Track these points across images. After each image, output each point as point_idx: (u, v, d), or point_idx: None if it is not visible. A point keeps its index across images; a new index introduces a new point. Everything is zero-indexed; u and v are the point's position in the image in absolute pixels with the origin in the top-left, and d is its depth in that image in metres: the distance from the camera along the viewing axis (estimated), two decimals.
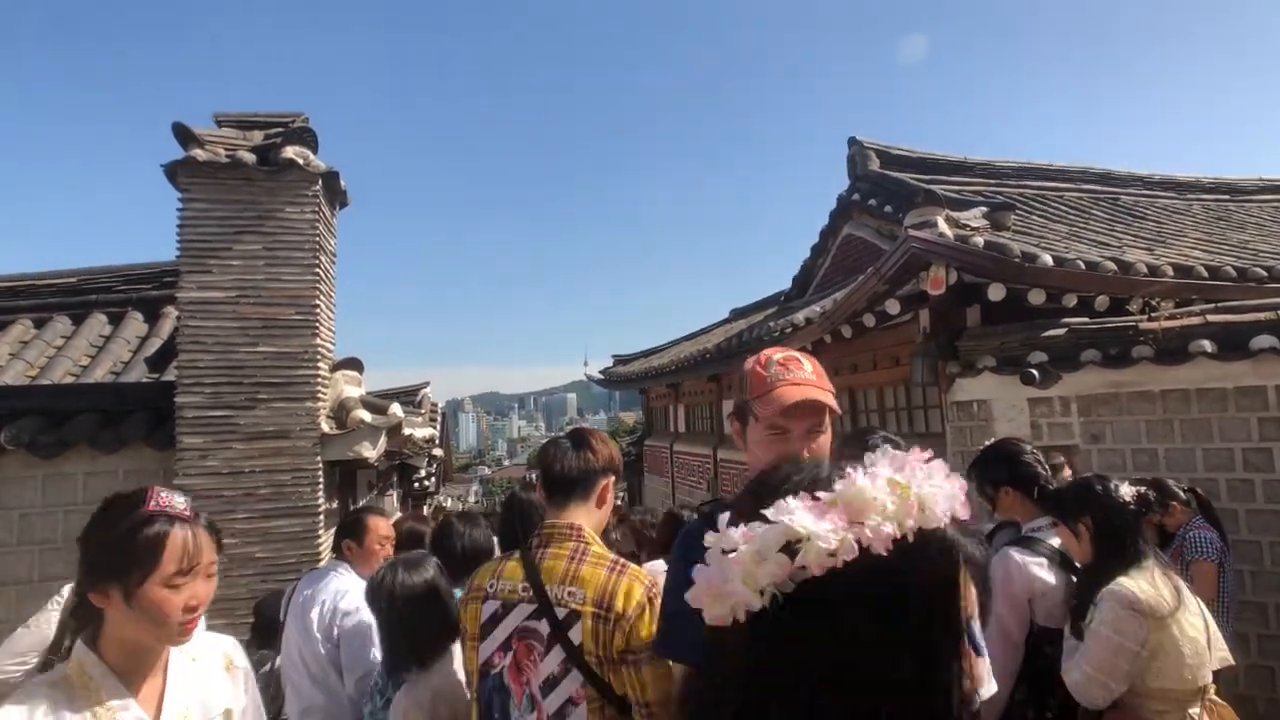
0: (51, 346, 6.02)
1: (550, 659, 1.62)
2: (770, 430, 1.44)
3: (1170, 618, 2.06)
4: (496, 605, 1.71)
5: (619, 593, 1.61)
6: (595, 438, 1.86)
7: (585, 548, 1.70)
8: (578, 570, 1.66)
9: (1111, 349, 4.36)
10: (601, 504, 1.82)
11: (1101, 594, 2.11)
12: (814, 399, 1.41)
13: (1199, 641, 2.09)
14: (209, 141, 4.30)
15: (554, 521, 1.75)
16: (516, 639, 1.66)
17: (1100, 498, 2.23)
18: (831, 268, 9.40)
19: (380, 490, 7.41)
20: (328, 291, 4.65)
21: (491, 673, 1.69)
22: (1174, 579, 2.15)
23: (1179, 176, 9.58)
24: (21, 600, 4.30)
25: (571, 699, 1.60)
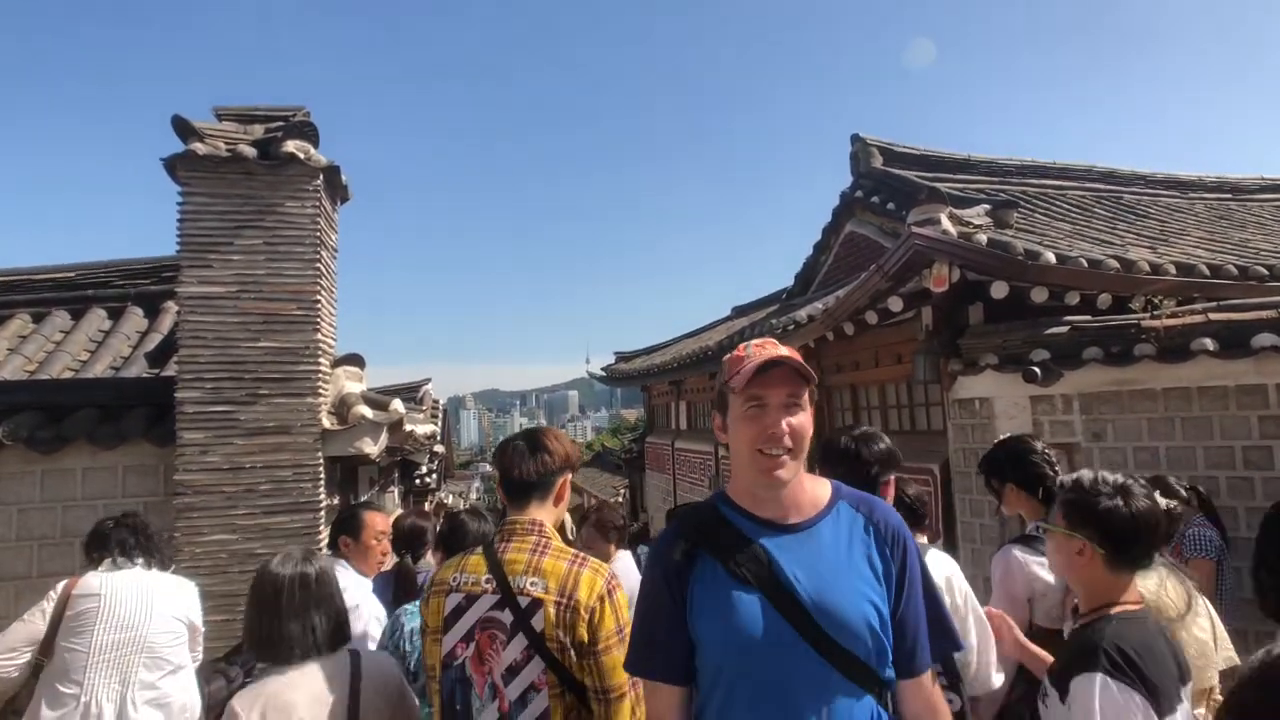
0: (50, 341, 6.00)
1: (513, 647, 1.68)
2: (747, 403, 1.41)
3: (1179, 621, 2.05)
4: (460, 598, 1.75)
5: (580, 583, 1.69)
6: (549, 439, 1.92)
7: (547, 541, 1.78)
8: (539, 562, 1.73)
9: (1114, 347, 4.36)
10: (559, 501, 1.90)
11: None
12: (784, 358, 1.39)
13: (1206, 644, 2.09)
14: (209, 135, 4.28)
15: (516, 518, 1.82)
16: (479, 630, 1.71)
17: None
18: (834, 265, 9.39)
19: (382, 487, 7.40)
20: (329, 287, 4.63)
21: (454, 664, 1.72)
22: (1185, 582, 2.14)
23: (1181, 175, 9.58)
24: (20, 596, 4.29)
25: (533, 685, 1.66)
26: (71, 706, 2.63)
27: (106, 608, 2.73)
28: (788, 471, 1.39)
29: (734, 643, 1.35)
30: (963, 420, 5.00)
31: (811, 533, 1.42)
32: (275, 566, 2.02)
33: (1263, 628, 4.00)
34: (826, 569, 1.38)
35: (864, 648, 1.35)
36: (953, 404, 5.08)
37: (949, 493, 5.27)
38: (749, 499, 1.46)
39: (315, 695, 1.88)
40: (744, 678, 1.35)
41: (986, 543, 4.77)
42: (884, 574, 1.41)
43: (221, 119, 4.55)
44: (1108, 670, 1.48)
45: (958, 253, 4.60)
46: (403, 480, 9.39)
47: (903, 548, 1.46)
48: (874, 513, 1.48)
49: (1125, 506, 1.63)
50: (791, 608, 1.34)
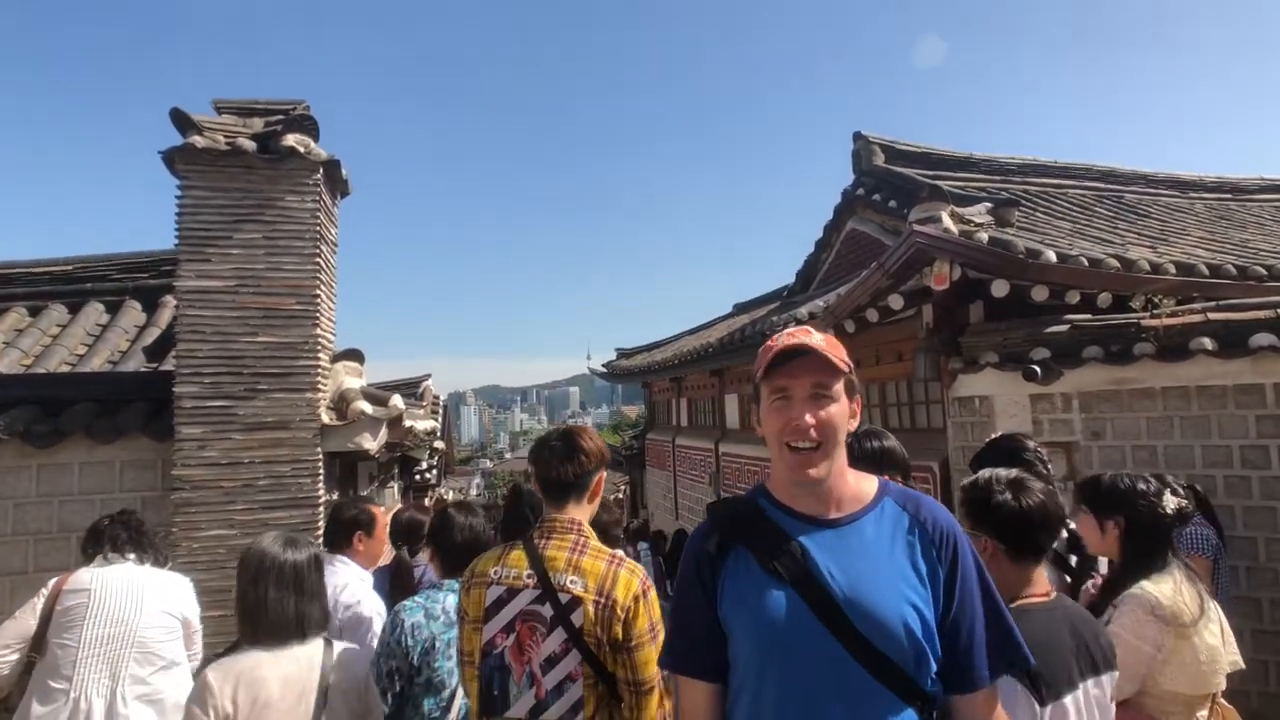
0: (47, 335, 5.98)
1: (552, 640, 1.78)
2: (772, 395, 1.37)
3: (1191, 626, 2.04)
4: (502, 590, 1.85)
5: (618, 584, 1.80)
6: (584, 439, 1.99)
7: (585, 541, 1.88)
8: (579, 561, 1.83)
9: (1113, 346, 4.36)
10: (594, 498, 2.00)
11: (1123, 596, 2.10)
12: (804, 344, 1.33)
13: (1216, 649, 2.08)
14: (208, 128, 4.26)
15: (555, 516, 1.91)
16: (520, 621, 1.81)
17: (1141, 501, 2.19)
18: (835, 263, 9.38)
19: (381, 482, 7.39)
20: (328, 281, 4.62)
21: (494, 652, 1.82)
22: (1198, 586, 2.13)
23: (1182, 175, 9.58)
24: (15, 591, 4.27)
25: (570, 675, 1.77)
26: (61, 702, 2.62)
27: (96, 602, 2.72)
28: (818, 470, 1.33)
29: (763, 638, 1.31)
30: (963, 418, 5.00)
31: (853, 529, 1.36)
32: (267, 544, 2.04)
33: (1258, 626, 4.03)
34: (865, 566, 1.32)
35: (900, 650, 1.27)
36: (953, 402, 5.08)
37: (949, 490, 5.27)
38: (787, 493, 1.41)
39: (288, 677, 1.91)
40: (772, 675, 1.30)
41: None
42: (929, 576, 1.33)
43: (221, 112, 4.52)
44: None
45: (959, 251, 4.59)
46: (402, 476, 9.37)
47: (953, 549, 1.37)
48: (921, 510, 1.40)
49: (1015, 501, 1.66)
50: (823, 604, 1.29)
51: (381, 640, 2.41)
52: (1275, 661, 4.01)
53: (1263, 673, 3.99)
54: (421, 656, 2.33)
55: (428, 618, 2.38)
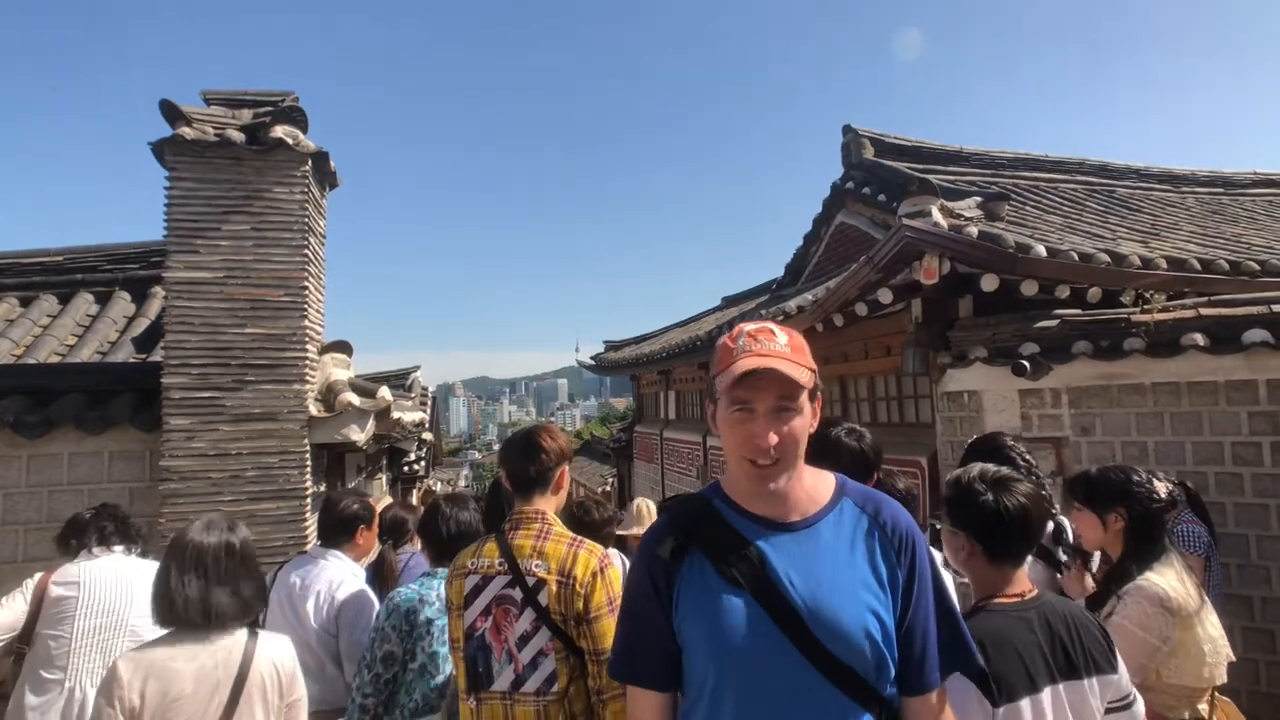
0: (38, 326, 5.96)
1: (523, 620, 1.95)
2: (733, 406, 1.31)
3: (1195, 616, 2.05)
4: (478, 579, 2.01)
5: (577, 563, 1.96)
6: (544, 438, 2.15)
7: (549, 528, 2.04)
8: (543, 546, 1.99)
9: (1103, 341, 4.37)
10: (559, 490, 2.16)
11: (1127, 588, 2.09)
12: (771, 367, 1.26)
13: (1218, 640, 2.08)
14: (197, 119, 4.23)
15: (523, 509, 2.08)
16: (495, 605, 1.98)
17: (1139, 491, 2.20)
18: (824, 256, 9.38)
19: (369, 474, 7.38)
20: (317, 273, 4.60)
21: (475, 634, 1.98)
22: (1192, 577, 2.14)
23: (1175, 169, 9.58)
24: (5, 580, 4.26)
25: (542, 650, 1.93)
26: (56, 692, 2.66)
27: (86, 594, 2.75)
28: (778, 484, 1.29)
29: (720, 648, 1.26)
30: (951, 413, 5.01)
31: (810, 532, 1.32)
32: (194, 532, 2.04)
33: (1249, 624, 4.05)
34: (825, 572, 1.28)
35: (862, 661, 1.24)
36: (941, 397, 5.09)
37: (936, 486, 5.29)
38: (743, 494, 1.36)
39: (203, 670, 1.91)
40: (730, 687, 1.26)
41: None
42: (889, 580, 1.30)
43: (210, 103, 4.50)
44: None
45: (948, 245, 4.59)
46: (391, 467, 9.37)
47: (912, 551, 1.33)
48: (881, 512, 1.36)
49: (995, 502, 1.64)
50: (784, 613, 1.25)
51: (375, 625, 2.45)
52: (1266, 660, 4.02)
53: (1254, 671, 4.00)
54: (415, 641, 2.38)
55: (421, 603, 2.42)
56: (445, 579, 2.13)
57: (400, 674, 2.39)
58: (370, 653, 2.38)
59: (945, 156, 8.48)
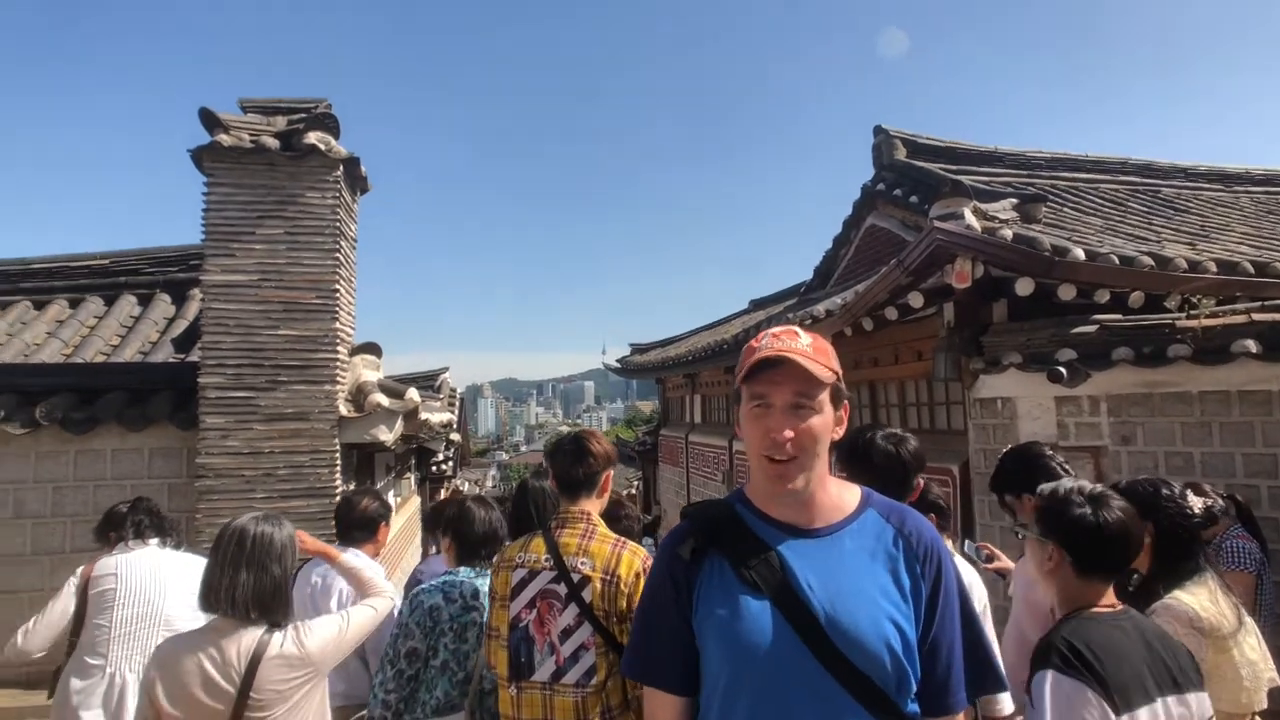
0: (85, 326, 6.17)
1: (567, 614, 2.04)
2: (751, 401, 1.30)
3: (1231, 638, 1.96)
4: (524, 572, 2.11)
5: (621, 563, 2.05)
6: (593, 442, 2.22)
7: (594, 528, 2.14)
8: (588, 545, 2.09)
9: (1146, 347, 4.22)
10: (603, 493, 2.25)
11: (1155, 607, 1.99)
12: (786, 358, 1.25)
13: (1257, 664, 1.98)
14: (234, 126, 4.34)
15: (569, 509, 2.18)
16: (540, 599, 2.07)
17: (1168, 505, 2.10)
18: (854, 259, 9.25)
19: (398, 473, 7.48)
20: (348, 276, 4.69)
21: (520, 625, 2.07)
22: (1231, 596, 2.04)
23: (1226, 168, 9.21)
24: (55, 570, 4.44)
25: (584, 645, 2.01)
26: (98, 677, 2.80)
27: (123, 585, 2.88)
28: (795, 483, 1.27)
29: (736, 651, 1.25)
30: (984, 420, 4.90)
31: (832, 540, 1.30)
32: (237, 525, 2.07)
33: None
34: (845, 580, 1.26)
35: (881, 672, 1.21)
36: (974, 403, 4.98)
37: (968, 494, 5.18)
38: (766, 500, 1.34)
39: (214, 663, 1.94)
40: (745, 690, 1.24)
41: (1007, 547, 4.66)
42: (912, 592, 1.27)
43: (246, 110, 4.61)
44: (1058, 666, 1.45)
45: (981, 248, 4.49)
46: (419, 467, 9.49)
47: (937, 565, 1.31)
48: (905, 524, 1.33)
49: (1093, 516, 1.61)
50: (802, 619, 1.23)
51: (399, 621, 2.48)
52: None
53: None
54: (438, 638, 2.41)
55: (446, 601, 2.46)
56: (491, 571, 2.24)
57: (422, 670, 2.41)
58: (393, 649, 2.41)
59: (979, 157, 8.30)
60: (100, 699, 2.78)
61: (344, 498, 3.25)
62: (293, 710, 2.05)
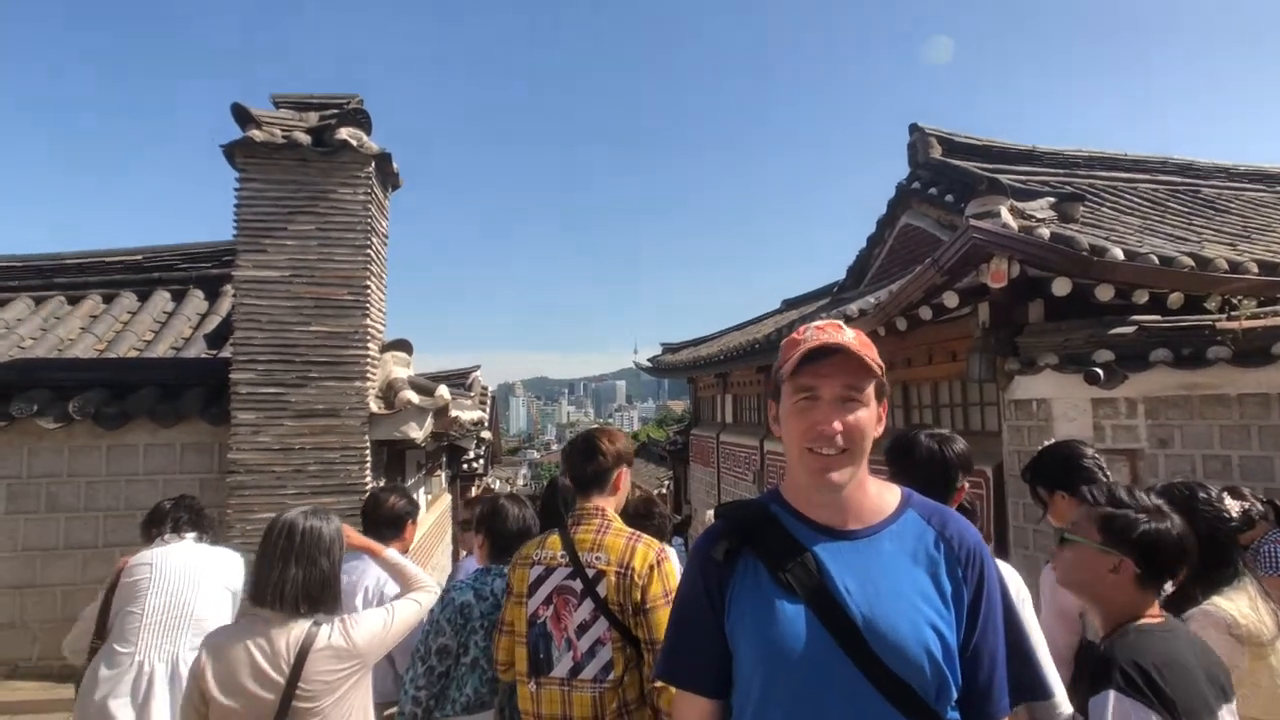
0: (119, 322, 6.26)
1: (582, 609, 2.05)
2: (798, 394, 1.26)
3: (1269, 645, 1.90)
4: (541, 569, 2.13)
5: (635, 555, 2.06)
6: (604, 441, 2.25)
7: (608, 524, 2.15)
8: (602, 540, 2.10)
9: (1184, 349, 4.14)
10: (616, 490, 2.26)
11: (1192, 613, 1.94)
12: (840, 345, 1.23)
13: None
14: (266, 123, 4.38)
15: (584, 505, 2.21)
16: (556, 595, 2.08)
17: (1205, 509, 2.03)
18: (888, 258, 9.15)
19: (429, 470, 7.53)
20: (379, 273, 4.71)
21: (537, 622, 2.08)
22: (1270, 603, 1.97)
23: (1268, 168, 9.02)
24: (88, 564, 4.51)
25: (600, 639, 2.03)
26: (126, 665, 2.81)
27: (158, 575, 2.90)
28: (841, 475, 1.23)
29: (770, 654, 1.21)
30: (1019, 422, 4.81)
31: (871, 542, 1.26)
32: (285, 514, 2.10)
33: None
34: (884, 583, 1.22)
35: (921, 678, 1.17)
36: (1009, 404, 4.89)
37: (1002, 496, 5.09)
38: (803, 500, 1.31)
39: (265, 654, 1.96)
40: (779, 694, 1.20)
41: (1040, 549, 4.60)
42: (954, 597, 1.24)
43: (279, 106, 4.65)
44: (1120, 688, 1.38)
45: (1018, 247, 4.41)
46: (450, 465, 9.54)
47: (979, 569, 1.27)
48: (947, 527, 1.29)
49: (1164, 528, 1.56)
50: (839, 622, 1.19)
51: (430, 618, 2.47)
52: None
53: None
54: (469, 635, 2.40)
55: (477, 598, 2.44)
56: (509, 568, 2.25)
57: (453, 668, 2.40)
58: (424, 645, 2.41)
59: (1016, 156, 8.18)
60: (129, 687, 2.80)
61: (371, 494, 3.25)
62: (339, 702, 2.06)
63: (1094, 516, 1.61)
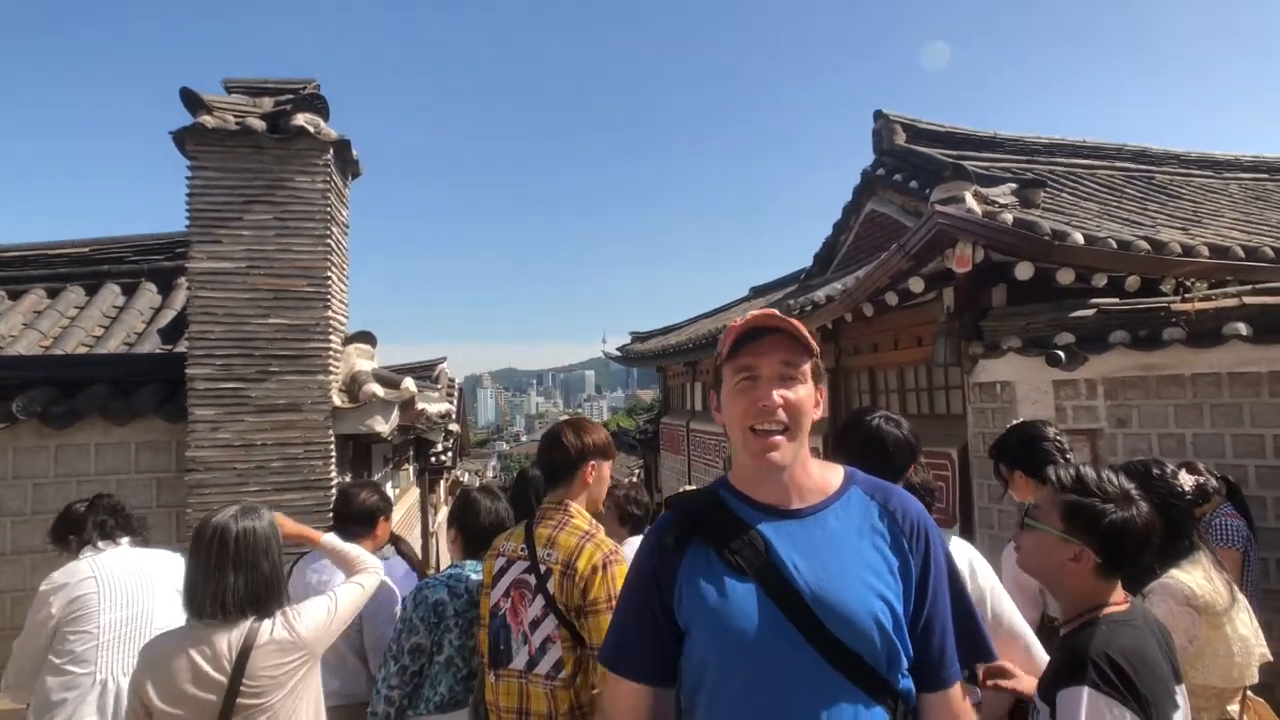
0: (65, 317, 6.02)
1: (535, 605, 2.07)
2: (738, 375, 1.30)
3: (1224, 615, 1.97)
4: (503, 561, 2.16)
5: (581, 555, 2.04)
6: (569, 433, 2.22)
7: (567, 520, 2.14)
8: (557, 536, 2.10)
9: (1141, 331, 4.24)
10: (585, 485, 2.21)
11: (1152, 586, 2.00)
12: (778, 321, 1.28)
13: (1248, 640, 2.00)
14: (218, 108, 4.22)
15: (550, 499, 2.20)
16: (514, 588, 2.11)
17: (1160, 484, 2.07)
18: (854, 245, 9.24)
19: (396, 464, 7.42)
20: (340, 263, 4.59)
21: (498, 614, 2.11)
22: (1223, 573, 2.05)
23: (1217, 154, 9.31)
24: (36, 569, 4.32)
25: (549, 637, 2.03)
26: (88, 685, 2.64)
27: (105, 589, 2.70)
28: (783, 453, 1.27)
29: (724, 635, 1.24)
30: (983, 404, 4.90)
31: (817, 519, 1.30)
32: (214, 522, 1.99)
33: None
34: (831, 559, 1.25)
35: (872, 649, 1.21)
36: (973, 388, 4.98)
37: (967, 478, 5.18)
38: (749, 483, 1.34)
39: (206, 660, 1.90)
40: (734, 673, 1.23)
41: (1005, 529, 4.70)
42: (900, 569, 1.27)
43: (231, 91, 4.48)
44: (1094, 683, 1.39)
45: (982, 232, 4.48)
46: (417, 459, 9.42)
47: (925, 541, 1.31)
48: (890, 500, 1.33)
49: (1128, 518, 1.54)
50: (789, 599, 1.22)
51: (403, 616, 2.42)
52: None
53: None
54: (443, 633, 2.37)
55: (451, 595, 2.41)
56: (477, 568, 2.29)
57: (426, 666, 2.37)
58: (397, 644, 2.36)
59: (978, 142, 8.30)
60: (94, 707, 2.64)
61: (341, 490, 3.16)
62: (290, 696, 2.01)
63: (1057, 503, 1.59)
